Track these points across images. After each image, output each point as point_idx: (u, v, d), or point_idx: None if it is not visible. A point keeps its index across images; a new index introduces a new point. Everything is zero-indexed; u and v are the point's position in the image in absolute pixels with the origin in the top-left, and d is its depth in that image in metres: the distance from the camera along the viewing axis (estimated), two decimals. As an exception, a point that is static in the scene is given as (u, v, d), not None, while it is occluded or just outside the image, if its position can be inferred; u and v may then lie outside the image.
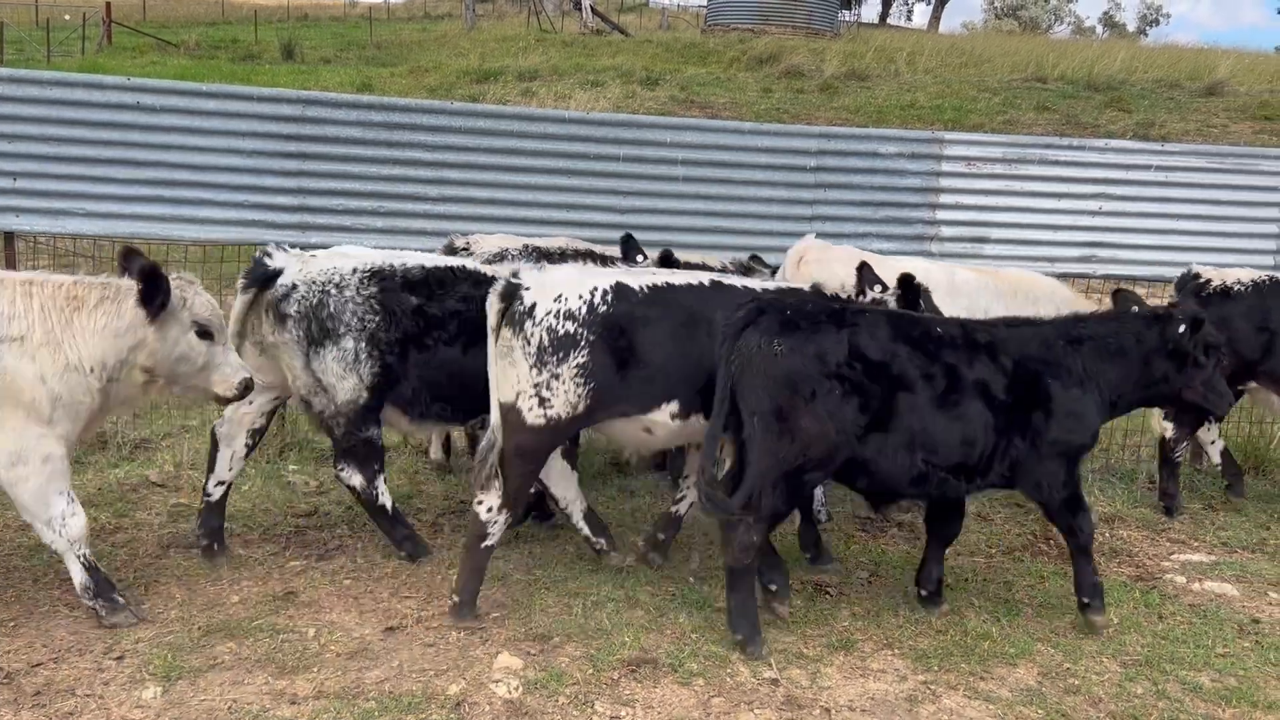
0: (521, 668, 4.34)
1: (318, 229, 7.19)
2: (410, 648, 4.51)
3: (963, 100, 22.51)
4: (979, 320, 5.11)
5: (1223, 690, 4.52)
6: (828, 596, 5.29)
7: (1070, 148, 8.20)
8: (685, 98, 22.12)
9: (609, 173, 7.61)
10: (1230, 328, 6.30)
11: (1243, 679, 4.64)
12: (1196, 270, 6.92)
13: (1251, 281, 6.74)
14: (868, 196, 7.90)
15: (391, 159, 7.31)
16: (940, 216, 7.99)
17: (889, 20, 53.75)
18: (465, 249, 6.47)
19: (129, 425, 7.15)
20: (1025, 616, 5.16)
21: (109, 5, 34.97)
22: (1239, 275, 6.81)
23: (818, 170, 7.84)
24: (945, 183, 7.98)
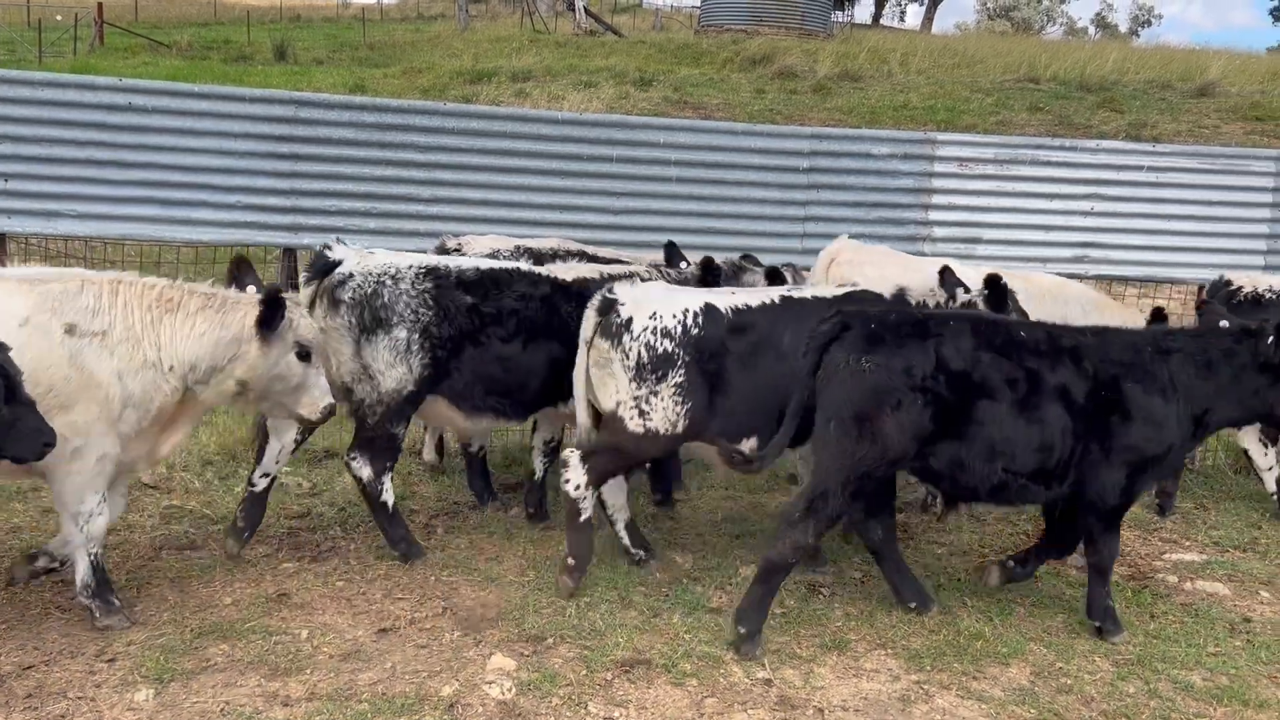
0: (515, 669, 4.34)
1: (310, 230, 7.19)
2: (403, 649, 4.50)
3: (955, 101, 22.53)
4: (1063, 325, 5.04)
5: (1214, 689, 4.54)
6: (821, 596, 5.30)
7: (1062, 148, 8.25)
8: (679, 98, 22.11)
9: (602, 173, 7.62)
10: None
11: (1234, 678, 4.65)
12: (1228, 277, 6.94)
13: None
14: (860, 197, 7.92)
15: (384, 160, 7.32)
16: (933, 217, 8.01)
17: (882, 21, 53.77)
18: (457, 249, 6.46)
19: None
20: (1018, 616, 5.17)
21: (101, 6, 34.81)
22: (1270, 282, 6.83)
23: (810, 171, 7.87)
24: (938, 183, 8.01)
